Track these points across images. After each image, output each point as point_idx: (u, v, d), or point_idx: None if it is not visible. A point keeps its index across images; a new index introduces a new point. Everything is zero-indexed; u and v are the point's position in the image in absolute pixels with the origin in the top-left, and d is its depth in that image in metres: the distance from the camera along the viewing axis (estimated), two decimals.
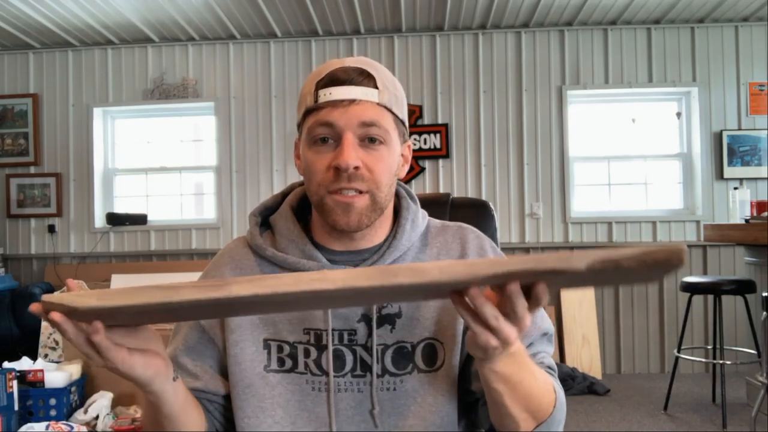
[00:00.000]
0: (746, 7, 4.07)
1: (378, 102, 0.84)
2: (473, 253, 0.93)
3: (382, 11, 4.07)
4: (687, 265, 4.27)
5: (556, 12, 4.13)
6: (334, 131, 0.83)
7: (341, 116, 0.82)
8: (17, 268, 4.51)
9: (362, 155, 0.83)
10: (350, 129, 0.82)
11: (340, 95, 0.82)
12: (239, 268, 0.93)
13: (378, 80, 0.84)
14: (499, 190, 4.36)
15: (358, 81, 0.83)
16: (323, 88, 0.83)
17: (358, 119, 0.82)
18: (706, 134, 4.30)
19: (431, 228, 0.97)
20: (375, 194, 0.85)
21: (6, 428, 2.58)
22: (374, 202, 0.85)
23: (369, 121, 0.83)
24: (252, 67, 4.49)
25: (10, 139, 4.52)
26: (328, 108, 0.83)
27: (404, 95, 0.91)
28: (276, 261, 0.91)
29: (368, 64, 0.86)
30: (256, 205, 1.00)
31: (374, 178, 0.84)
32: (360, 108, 0.82)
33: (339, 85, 0.83)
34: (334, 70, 0.84)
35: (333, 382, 0.87)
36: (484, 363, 0.73)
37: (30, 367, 2.87)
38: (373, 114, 0.83)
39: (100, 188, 4.56)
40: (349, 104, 0.82)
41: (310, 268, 0.88)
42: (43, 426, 2.56)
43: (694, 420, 3.27)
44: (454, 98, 4.40)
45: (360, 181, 0.83)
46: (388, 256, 0.90)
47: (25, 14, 3.89)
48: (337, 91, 0.82)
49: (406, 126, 0.91)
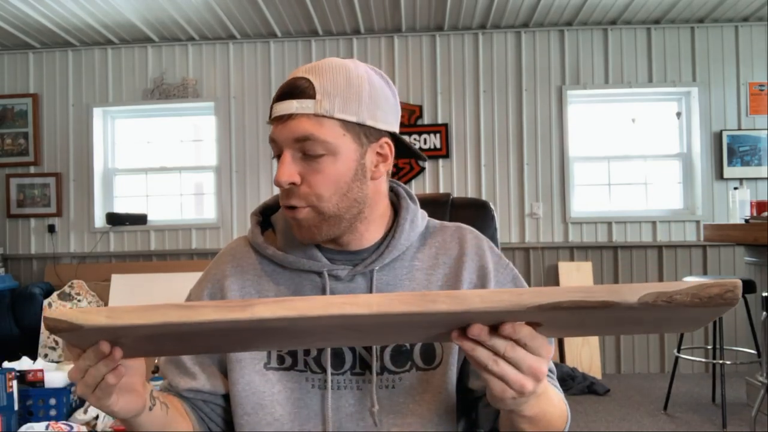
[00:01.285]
0: (746, 7, 4.07)
1: (314, 113, 0.81)
2: (471, 252, 0.93)
3: (382, 11, 4.07)
4: (687, 265, 4.28)
5: (556, 12, 4.13)
6: (278, 147, 0.84)
7: (280, 133, 0.83)
8: (17, 268, 4.51)
9: (302, 169, 0.83)
10: (287, 145, 0.83)
11: (280, 111, 0.82)
12: (240, 267, 0.94)
13: (318, 87, 0.81)
14: (499, 190, 4.36)
15: (296, 93, 0.82)
16: (274, 102, 0.84)
17: (292, 135, 0.82)
18: (706, 134, 4.30)
19: (430, 228, 0.97)
20: (317, 206, 0.84)
21: (6, 428, 2.58)
22: (319, 213, 0.84)
23: (302, 136, 0.81)
24: (252, 67, 4.49)
25: (10, 139, 4.52)
26: (274, 124, 0.84)
27: (380, 95, 0.86)
28: (276, 260, 0.92)
29: (315, 70, 0.83)
30: (257, 204, 1.00)
31: (314, 192, 0.83)
32: (294, 123, 0.81)
33: (281, 100, 0.83)
34: (285, 82, 0.85)
35: (332, 379, 0.87)
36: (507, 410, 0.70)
37: (30, 367, 2.87)
38: (306, 127, 0.81)
39: (100, 188, 4.56)
40: (287, 119, 0.82)
41: (311, 268, 0.90)
42: (43, 426, 2.56)
43: (694, 420, 3.27)
44: (454, 98, 4.40)
45: (296, 198, 0.84)
46: (387, 255, 0.90)
47: (25, 14, 3.89)
48: (279, 106, 0.83)
49: (374, 126, 0.86)
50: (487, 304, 0.55)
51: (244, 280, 0.93)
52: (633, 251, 4.30)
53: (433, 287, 0.91)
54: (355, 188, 0.86)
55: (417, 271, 0.92)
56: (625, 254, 4.30)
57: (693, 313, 0.55)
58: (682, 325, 0.63)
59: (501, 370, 0.61)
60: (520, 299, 0.54)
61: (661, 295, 0.52)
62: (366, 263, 0.90)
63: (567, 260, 4.31)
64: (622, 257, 4.30)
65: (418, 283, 0.91)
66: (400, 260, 0.92)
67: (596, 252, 4.32)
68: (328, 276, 0.89)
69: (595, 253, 4.32)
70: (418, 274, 0.92)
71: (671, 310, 0.53)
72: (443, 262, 0.93)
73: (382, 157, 0.89)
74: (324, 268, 0.89)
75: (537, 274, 4.32)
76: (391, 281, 0.90)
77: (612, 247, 4.31)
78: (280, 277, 0.92)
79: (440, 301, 0.55)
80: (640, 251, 4.30)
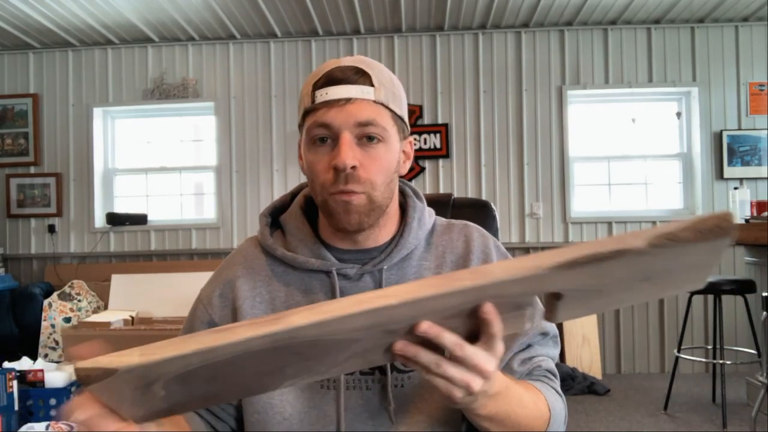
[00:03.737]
0: (746, 7, 4.07)
1: (374, 99, 0.83)
2: (477, 251, 0.94)
3: (382, 11, 4.07)
4: None
5: (556, 12, 4.13)
6: (331, 131, 0.83)
7: (337, 116, 0.82)
8: (17, 268, 4.51)
9: (359, 155, 0.83)
10: (347, 128, 0.82)
11: (335, 95, 0.82)
12: (251, 268, 0.94)
13: (374, 78, 0.84)
14: (499, 190, 4.36)
15: (353, 79, 0.83)
16: (320, 88, 0.83)
17: (355, 118, 0.82)
18: (706, 134, 4.30)
19: (437, 227, 0.98)
20: (371, 194, 0.85)
21: (6, 428, 2.58)
22: (371, 201, 0.85)
23: (365, 120, 0.82)
24: (252, 67, 4.49)
25: (10, 139, 4.52)
26: (325, 108, 0.83)
27: (403, 93, 0.91)
28: (286, 260, 0.92)
29: (364, 63, 0.86)
30: (259, 204, 1.01)
31: (370, 179, 0.84)
32: (356, 107, 0.82)
33: (335, 84, 0.83)
34: (330, 70, 0.84)
35: (342, 379, 0.87)
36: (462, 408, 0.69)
37: (30, 367, 2.87)
38: (369, 112, 0.83)
39: (100, 188, 4.56)
40: (345, 103, 0.82)
41: (320, 267, 0.90)
42: (43, 426, 2.56)
43: (694, 420, 3.27)
44: (454, 98, 4.40)
45: (354, 182, 0.83)
46: (396, 254, 0.91)
47: (25, 14, 3.88)
48: (333, 90, 0.82)
49: (406, 123, 0.91)
50: (509, 273, 0.55)
51: (255, 281, 0.93)
52: None
53: None
54: (394, 180, 0.89)
55: (425, 270, 0.92)
56: None
57: (696, 254, 0.56)
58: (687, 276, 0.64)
59: (444, 371, 0.61)
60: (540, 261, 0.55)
61: (666, 235, 0.53)
62: (374, 262, 0.90)
63: None
64: None
65: None
66: (409, 259, 0.92)
67: None
68: (336, 275, 0.90)
69: None
70: (426, 273, 0.92)
71: (677, 251, 0.55)
72: (450, 260, 0.93)
73: (406, 155, 0.92)
74: (333, 267, 0.90)
75: None
76: (400, 280, 0.91)
77: None
78: (290, 278, 0.92)
79: (464, 277, 0.55)
80: None
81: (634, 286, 0.63)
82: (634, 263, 0.56)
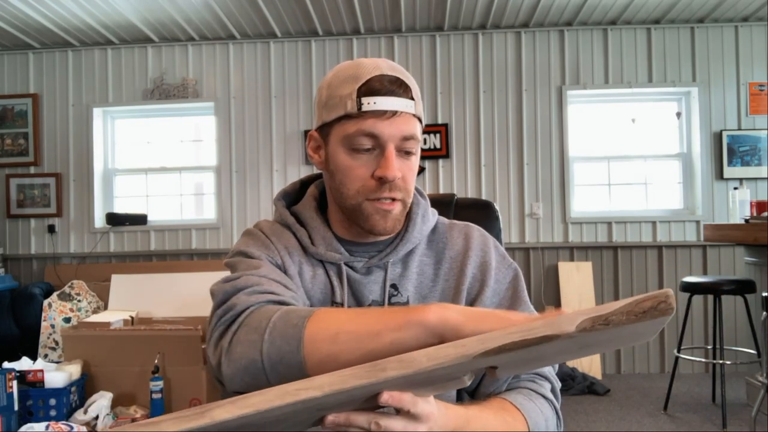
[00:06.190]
0: (746, 7, 4.07)
1: (414, 114, 0.87)
2: (476, 249, 0.96)
3: (382, 11, 4.07)
4: (687, 265, 4.28)
5: (556, 12, 4.13)
6: (377, 142, 0.85)
7: (386, 128, 0.84)
8: (17, 268, 4.51)
9: (399, 165, 0.87)
10: (393, 141, 0.85)
11: (384, 105, 0.84)
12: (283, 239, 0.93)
13: (413, 91, 0.87)
14: (499, 190, 4.36)
15: (399, 92, 0.85)
16: (366, 96, 0.84)
17: (401, 133, 0.85)
18: (705, 134, 4.30)
19: (439, 225, 1.01)
20: (405, 201, 0.90)
21: (6, 428, 2.58)
22: (404, 207, 0.91)
23: (409, 135, 0.86)
24: (252, 67, 4.49)
25: (10, 139, 4.52)
26: (373, 119, 0.84)
27: None
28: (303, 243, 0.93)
29: (403, 74, 0.88)
30: (259, 205, 1.02)
31: (407, 187, 0.89)
32: (402, 121, 0.85)
33: (383, 95, 0.84)
34: (374, 77, 0.85)
35: None
36: None
37: (30, 367, 2.87)
38: (411, 127, 0.86)
39: (100, 188, 4.56)
40: (392, 116, 0.84)
41: (330, 259, 0.92)
42: (43, 426, 2.55)
43: (694, 420, 3.27)
44: (454, 98, 4.40)
45: (398, 191, 0.88)
46: (401, 248, 0.94)
47: (25, 14, 3.88)
48: (382, 101, 0.84)
49: None
50: (434, 362, 0.55)
51: (289, 250, 0.92)
52: (633, 251, 4.30)
53: (439, 281, 0.95)
54: None
55: (426, 266, 0.96)
56: (625, 254, 4.30)
57: (635, 328, 0.55)
58: (630, 340, 0.64)
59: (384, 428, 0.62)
60: (465, 350, 0.55)
61: (597, 320, 0.53)
62: (381, 256, 0.93)
63: (567, 260, 4.31)
64: (622, 257, 4.30)
65: (426, 277, 0.95)
66: (412, 254, 0.96)
67: (596, 252, 4.32)
68: (345, 267, 0.93)
69: (595, 253, 4.32)
70: (427, 269, 0.96)
71: (612, 330, 0.54)
72: (450, 257, 0.96)
73: None
74: (342, 260, 0.92)
75: (537, 274, 4.32)
76: (405, 273, 0.94)
77: (612, 247, 4.31)
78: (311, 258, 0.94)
79: (390, 368, 0.56)
80: (640, 251, 4.30)
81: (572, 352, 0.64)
82: (566, 343, 0.56)
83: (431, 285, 0.95)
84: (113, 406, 2.91)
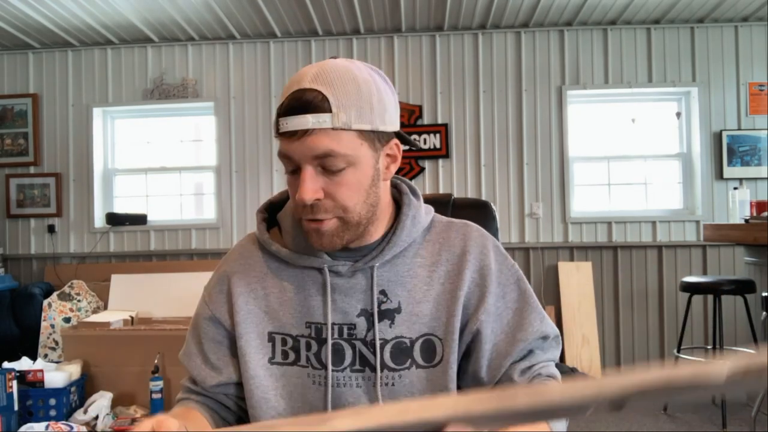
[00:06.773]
0: (746, 7, 4.07)
1: (332, 127, 0.79)
2: (475, 251, 0.93)
3: (382, 11, 4.07)
4: (687, 265, 4.28)
5: (556, 12, 4.13)
6: (293, 163, 0.83)
7: (297, 149, 0.81)
8: (17, 268, 4.51)
9: (324, 184, 0.82)
10: (306, 161, 0.81)
11: (293, 126, 0.80)
12: (247, 264, 0.96)
13: (333, 100, 0.79)
14: (499, 190, 4.36)
15: (311, 107, 0.79)
16: (282, 116, 0.82)
17: (311, 152, 0.80)
18: (705, 134, 4.30)
19: (435, 223, 0.97)
20: (343, 217, 0.85)
21: (6, 428, 2.59)
22: (345, 223, 0.85)
23: (323, 153, 0.80)
24: (252, 67, 4.49)
25: (9, 139, 4.52)
26: (286, 140, 0.82)
27: (386, 95, 0.86)
28: (280, 256, 0.93)
29: (326, 80, 0.81)
30: (259, 204, 1.02)
31: (339, 205, 0.83)
32: (312, 139, 0.80)
33: (293, 114, 0.80)
34: (292, 93, 0.82)
35: (332, 376, 0.88)
36: None
37: (30, 367, 2.87)
38: (327, 143, 0.79)
39: (99, 188, 4.56)
40: (303, 135, 0.80)
41: (312, 264, 0.91)
42: (43, 426, 2.56)
43: (694, 420, 3.27)
44: (453, 98, 4.40)
45: (322, 212, 0.83)
46: (387, 251, 0.91)
47: (25, 14, 3.88)
48: (291, 121, 0.81)
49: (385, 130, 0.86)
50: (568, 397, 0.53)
51: (250, 277, 0.94)
52: (633, 251, 4.30)
53: (434, 284, 0.91)
54: (372, 193, 0.87)
55: (419, 267, 0.92)
56: (624, 254, 4.30)
57: None
58: None
59: None
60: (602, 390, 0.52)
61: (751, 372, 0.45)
62: (366, 260, 0.90)
63: (567, 260, 4.31)
64: (621, 257, 4.30)
65: (419, 280, 0.91)
66: (402, 256, 0.92)
67: (596, 252, 4.32)
68: (328, 272, 0.90)
69: (595, 253, 4.32)
70: (420, 271, 0.92)
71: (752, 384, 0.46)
72: (446, 258, 0.93)
73: (392, 158, 0.90)
74: (324, 264, 0.90)
75: (537, 274, 4.32)
76: (392, 278, 0.91)
77: (612, 247, 4.31)
78: (285, 274, 0.93)
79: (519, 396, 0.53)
80: (640, 251, 4.30)
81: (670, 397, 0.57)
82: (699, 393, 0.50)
83: (425, 289, 0.91)
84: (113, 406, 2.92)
